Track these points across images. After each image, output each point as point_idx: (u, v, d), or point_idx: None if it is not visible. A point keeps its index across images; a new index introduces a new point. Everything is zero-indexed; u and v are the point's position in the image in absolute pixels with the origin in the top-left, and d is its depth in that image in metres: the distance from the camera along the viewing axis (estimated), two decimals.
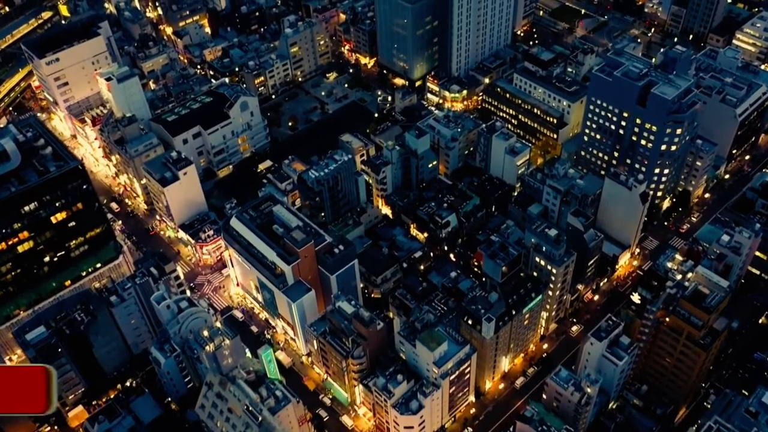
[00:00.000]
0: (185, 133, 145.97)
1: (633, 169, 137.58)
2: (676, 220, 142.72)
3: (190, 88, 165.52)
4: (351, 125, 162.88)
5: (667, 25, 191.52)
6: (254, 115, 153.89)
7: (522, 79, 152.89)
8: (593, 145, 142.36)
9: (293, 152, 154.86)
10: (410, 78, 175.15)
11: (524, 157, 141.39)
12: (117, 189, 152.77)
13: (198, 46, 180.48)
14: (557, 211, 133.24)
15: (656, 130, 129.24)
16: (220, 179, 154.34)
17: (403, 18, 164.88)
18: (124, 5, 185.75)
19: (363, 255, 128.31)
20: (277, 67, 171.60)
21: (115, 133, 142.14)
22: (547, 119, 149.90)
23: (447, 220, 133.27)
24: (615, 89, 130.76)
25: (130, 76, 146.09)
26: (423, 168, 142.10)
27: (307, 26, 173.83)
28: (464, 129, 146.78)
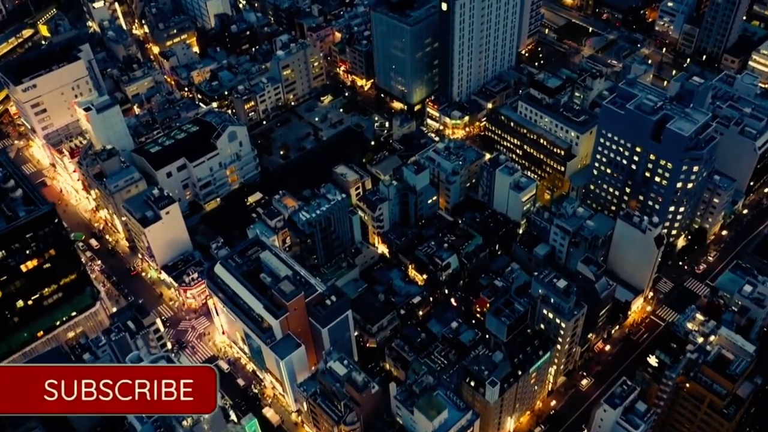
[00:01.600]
0: (169, 166, 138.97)
1: (646, 206, 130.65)
2: (691, 260, 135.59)
3: (176, 113, 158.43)
4: (346, 154, 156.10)
5: (678, 44, 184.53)
6: (243, 144, 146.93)
7: (527, 107, 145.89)
8: (603, 179, 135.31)
9: (284, 183, 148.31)
10: (409, 102, 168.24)
11: (530, 192, 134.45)
12: (97, 224, 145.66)
13: (185, 68, 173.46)
14: (565, 252, 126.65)
15: (671, 167, 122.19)
16: (206, 213, 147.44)
17: (401, 40, 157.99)
18: (108, 24, 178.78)
19: (358, 301, 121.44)
20: (269, 91, 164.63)
21: (94, 167, 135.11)
22: (554, 150, 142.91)
23: (447, 262, 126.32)
24: (627, 123, 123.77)
25: (111, 105, 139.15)
26: (422, 204, 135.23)
27: (300, 48, 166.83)
28: (466, 161, 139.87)
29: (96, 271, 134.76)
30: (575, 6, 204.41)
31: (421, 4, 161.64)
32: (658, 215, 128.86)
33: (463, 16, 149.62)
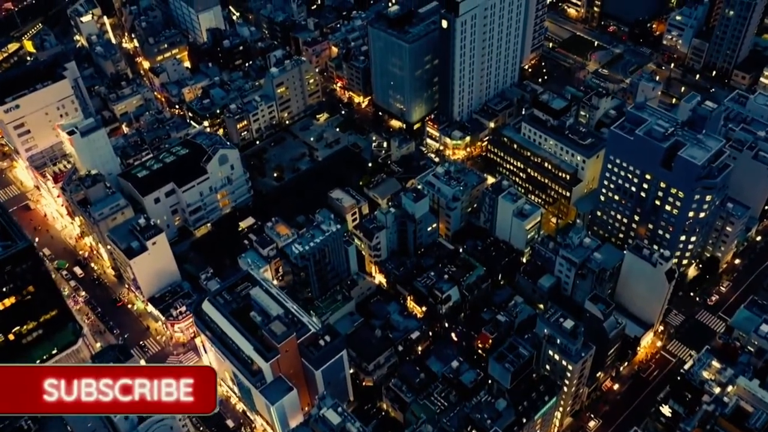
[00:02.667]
0: (157, 192, 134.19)
1: (655, 236, 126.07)
2: (703, 291, 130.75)
3: (165, 134, 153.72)
4: (342, 175, 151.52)
5: (687, 59, 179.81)
6: (235, 168, 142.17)
7: (531, 129, 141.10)
8: (611, 206, 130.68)
9: (278, 207, 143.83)
10: (408, 121, 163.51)
11: (534, 220, 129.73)
12: (82, 252, 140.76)
13: (176, 84, 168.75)
14: (571, 284, 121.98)
15: (683, 197, 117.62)
16: (196, 239, 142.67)
17: (399, 57, 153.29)
18: (96, 39, 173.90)
19: (353, 336, 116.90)
20: (262, 109, 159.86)
21: (78, 193, 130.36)
22: (559, 175, 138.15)
23: (448, 295, 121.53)
24: (636, 149, 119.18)
25: (96, 128, 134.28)
26: (421, 232, 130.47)
27: (294, 64, 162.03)
28: (467, 187, 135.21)
29: (80, 303, 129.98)
30: (580, 18, 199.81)
31: (421, 19, 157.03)
32: (669, 245, 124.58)
33: (464, 33, 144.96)
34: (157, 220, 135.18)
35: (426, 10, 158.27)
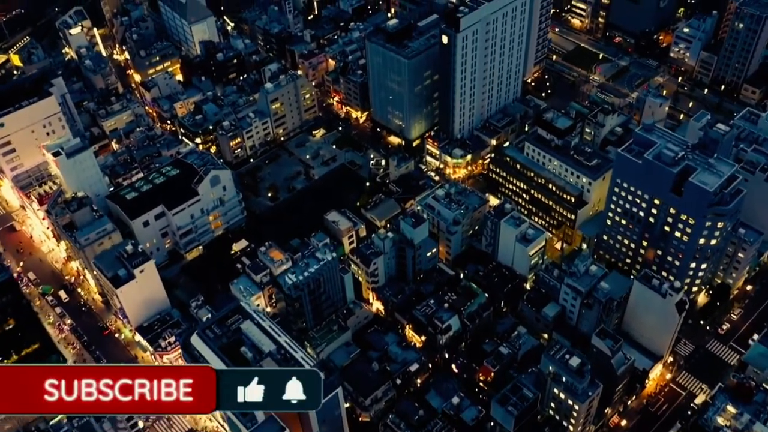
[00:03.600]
0: (146, 215, 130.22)
1: (664, 262, 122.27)
2: (713, 319, 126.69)
3: (156, 151, 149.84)
4: (339, 195, 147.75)
5: (695, 72, 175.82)
6: (227, 189, 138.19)
7: (534, 149, 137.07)
8: (617, 230, 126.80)
9: (272, 229, 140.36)
10: (407, 138, 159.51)
11: (538, 245, 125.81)
12: (69, 277, 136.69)
13: (168, 99, 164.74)
14: (577, 313, 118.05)
15: (694, 223, 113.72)
16: (187, 263, 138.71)
17: (398, 73, 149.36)
18: (86, 51, 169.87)
19: (350, 369, 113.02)
20: (256, 126, 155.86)
21: (64, 217, 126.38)
22: (563, 197, 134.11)
23: (448, 324, 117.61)
24: (645, 173, 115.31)
25: (82, 148, 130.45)
26: (420, 258, 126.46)
27: (290, 79, 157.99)
28: (468, 210, 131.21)
29: (66, 331, 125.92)
30: (584, 29, 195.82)
31: (420, 33, 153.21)
32: (678, 272, 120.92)
33: (465, 49, 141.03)
34: (146, 244, 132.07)
35: (426, 24, 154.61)
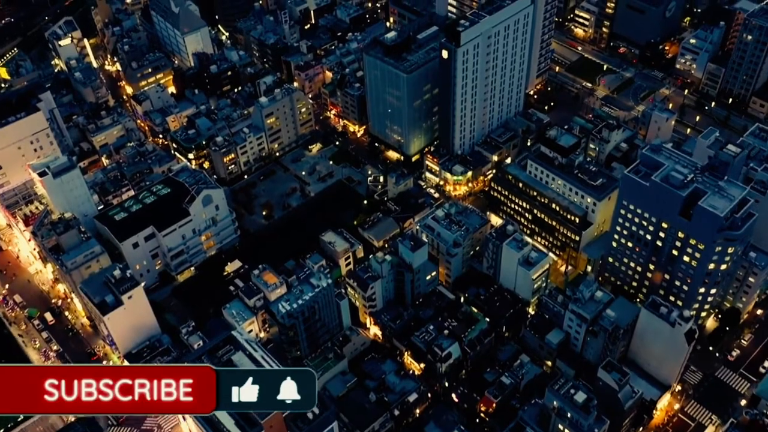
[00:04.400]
0: (135, 237, 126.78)
1: (672, 287, 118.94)
2: (723, 345, 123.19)
3: (147, 167, 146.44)
4: (335, 213, 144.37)
5: (702, 84, 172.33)
6: (220, 208, 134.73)
7: (537, 167, 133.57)
8: (623, 253, 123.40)
9: (266, 249, 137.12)
10: (405, 153, 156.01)
11: (542, 269, 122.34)
12: (56, 300, 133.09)
13: (160, 113, 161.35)
14: (581, 340, 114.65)
15: (703, 248, 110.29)
16: (179, 285, 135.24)
17: (396, 87, 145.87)
18: (76, 63, 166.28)
19: (345, 400, 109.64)
20: (251, 141, 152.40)
21: (50, 239, 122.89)
22: (567, 217, 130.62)
23: (448, 352, 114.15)
24: (652, 196, 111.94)
25: (69, 168, 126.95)
26: (419, 281, 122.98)
27: (285, 93, 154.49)
28: (469, 231, 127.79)
29: (52, 357, 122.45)
30: (588, 39, 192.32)
31: (419, 45, 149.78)
32: (686, 297, 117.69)
33: (465, 64, 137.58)
34: (136, 266, 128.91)
35: (425, 36, 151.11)
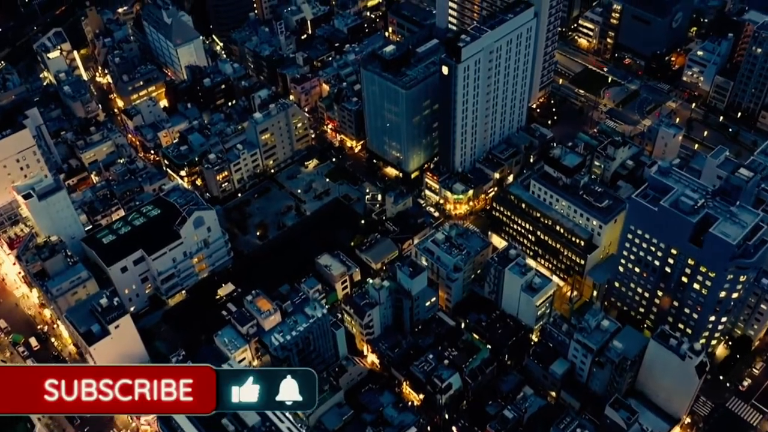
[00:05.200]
0: (124, 261, 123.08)
1: (681, 314, 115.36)
2: (734, 374, 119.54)
3: (137, 186, 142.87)
4: (332, 233, 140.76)
5: (709, 98, 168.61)
6: (212, 230, 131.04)
7: (540, 188, 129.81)
8: (630, 278, 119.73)
9: (260, 271, 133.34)
10: (404, 170, 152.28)
11: (546, 294, 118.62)
12: (41, 325, 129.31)
13: (151, 127, 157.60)
14: (587, 370, 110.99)
15: (714, 276, 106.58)
16: (169, 309, 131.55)
17: (395, 103, 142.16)
18: (65, 76, 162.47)
19: None
20: (245, 158, 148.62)
21: (35, 264, 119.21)
22: (572, 239, 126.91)
23: (449, 383, 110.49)
24: (661, 221, 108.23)
25: (56, 189, 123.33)
26: (419, 308, 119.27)
27: (280, 108, 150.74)
28: (470, 255, 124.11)
29: None
30: (592, 50, 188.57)
31: (419, 59, 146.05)
32: (696, 325, 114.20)
33: (466, 80, 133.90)
34: (124, 290, 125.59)
35: (425, 50, 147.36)
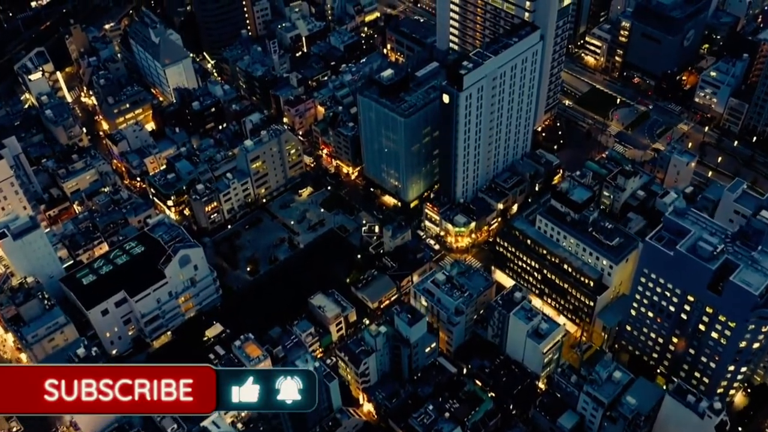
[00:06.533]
0: (104, 303, 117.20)
1: (698, 362, 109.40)
2: (753, 425, 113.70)
3: (122, 217, 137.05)
4: (327, 268, 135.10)
5: (723, 120, 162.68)
6: (199, 268, 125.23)
7: (547, 224, 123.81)
8: (644, 323, 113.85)
9: (251, 310, 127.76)
10: (403, 200, 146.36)
11: (553, 340, 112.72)
12: None
13: (137, 153, 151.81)
14: (597, 425, 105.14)
15: (734, 326, 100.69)
16: (154, 351, 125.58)
17: (393, 131, 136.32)
18: (48, 99, 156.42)
19: None
20: (235, 187, 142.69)
21: (9, 308, 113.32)
22: (580, 279, 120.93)
23: None
24: (677, 266, 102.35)
25: (32, 228, 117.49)
26: (418, 355, 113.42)
27: (272, 135, 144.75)
28: (473, 297, 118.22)
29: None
30: (599, 68, 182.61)
31: (418, 84, 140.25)
32: (713, 374, 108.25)
33: (469, 108, 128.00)
34: (105, 333, 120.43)
35: (424, 74, 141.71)
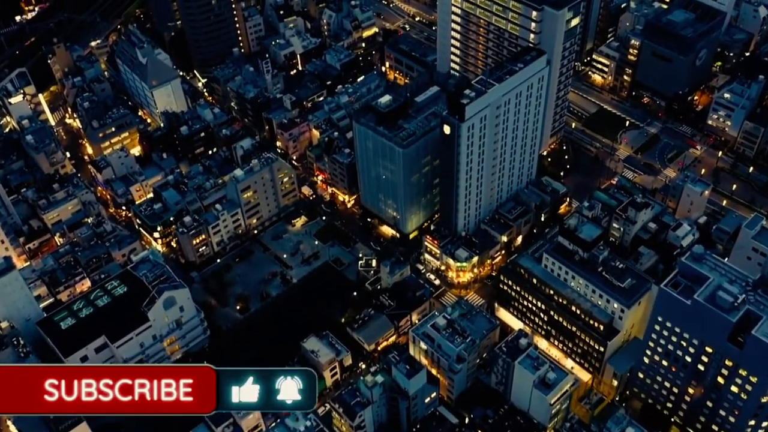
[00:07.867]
0: (84, 350, 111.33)
1: (716, 415, 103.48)
2: None
3: (105, 252, 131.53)
4: (321, 305, 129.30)
5: (737, 144, 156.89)
6: (185, 309, 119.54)
7: (554, 262, 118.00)
8: (657, 371, 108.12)
9: (240, 352, 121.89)
10: (402, 231, 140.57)
11: (561, 390, 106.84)
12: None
13: (123, 181, 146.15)
14: None
15: (756, 381, 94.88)
16: None
17: (391, 161, 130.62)
18: (29, 123, 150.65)
19: None
20: (225, 219, 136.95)
21: None
22: (590, 322, 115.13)
23: None
24: (695, 316, 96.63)
25: (7, 270, 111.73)
26: (417, 406, 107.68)
27: (264, 164, 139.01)
28: (475, 343, 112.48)
29: None
30: (607, 87, 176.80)
31: (417, 110, 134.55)
32: (732, 429, 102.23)
33: (471, 139, 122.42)
34: None
35: (424, 99, 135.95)
